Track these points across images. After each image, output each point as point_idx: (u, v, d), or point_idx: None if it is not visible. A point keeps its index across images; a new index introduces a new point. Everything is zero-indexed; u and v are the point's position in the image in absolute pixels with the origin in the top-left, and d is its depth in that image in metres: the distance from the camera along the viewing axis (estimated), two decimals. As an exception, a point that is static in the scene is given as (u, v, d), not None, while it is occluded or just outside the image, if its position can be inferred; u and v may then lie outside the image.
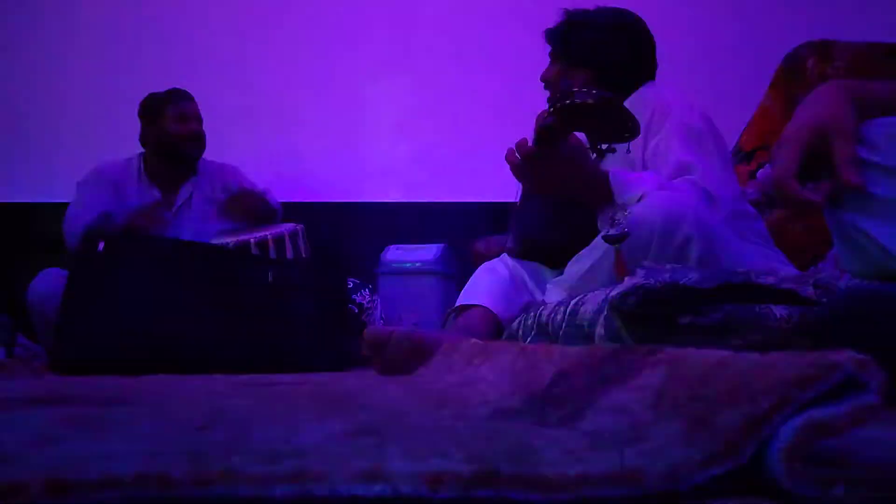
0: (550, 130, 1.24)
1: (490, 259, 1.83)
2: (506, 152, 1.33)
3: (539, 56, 1.74)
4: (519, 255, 1.65)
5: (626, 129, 1.20)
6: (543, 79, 1.72)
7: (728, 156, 1.62)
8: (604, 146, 1.23)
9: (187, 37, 3.05)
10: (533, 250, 1.62)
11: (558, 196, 1.42)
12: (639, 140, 1.40)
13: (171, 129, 2.35)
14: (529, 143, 1.29)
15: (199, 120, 2.41)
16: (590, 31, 1.66)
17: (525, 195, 1.67)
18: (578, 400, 0.54)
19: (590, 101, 1.18)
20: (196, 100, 2.44)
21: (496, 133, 2.99)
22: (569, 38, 1.67)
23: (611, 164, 1.40)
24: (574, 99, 1.19)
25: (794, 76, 2.12)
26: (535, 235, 1.61)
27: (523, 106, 2.92)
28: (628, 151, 1.41)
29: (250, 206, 2.31)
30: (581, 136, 1.37)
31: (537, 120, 1.29)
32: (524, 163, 1.29)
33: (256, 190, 2.38)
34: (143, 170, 2.40)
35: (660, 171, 1.42)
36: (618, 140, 1.23)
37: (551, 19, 1.70)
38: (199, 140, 2.38)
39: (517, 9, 2.96)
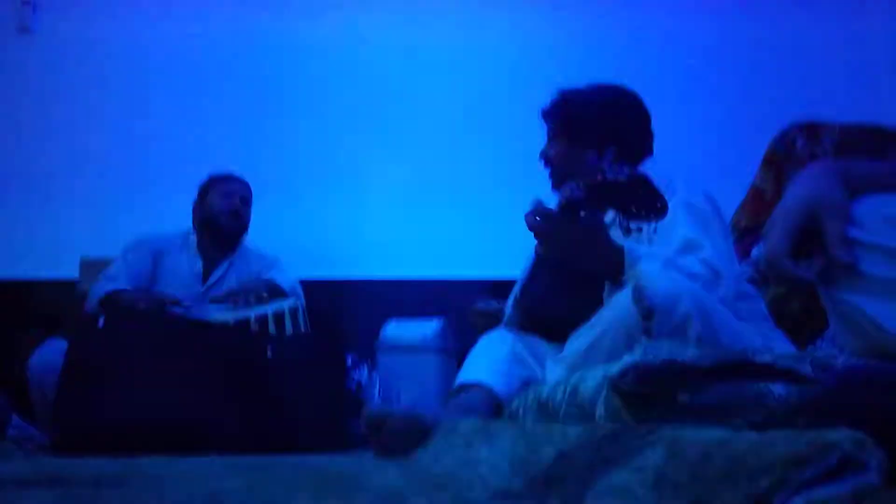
0: (578, 204, 1.25)
1: (489, 318, 1.82)
2: (527, 213, 1.33)
3: (536, 134, 1.77)
4: (522, 325, 1.64)
5: (654, 208, 1.21)
6: (544, 157, 1.73)
7: (730, 235, 1.63)
8: (632, 224, 1.24)
9: (194, 113, 3.13)
10: (537, 321, 1.61)
11: (570, 263, 1.41)
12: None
13: (215, 203, 2.44)
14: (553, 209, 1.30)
15: (246, 202, 2.49)
16: (591, 110, 1.67)
17: (534, 267, 1.67)
18: (579, 481, 0.54)
19: (622, 179, 1.20)
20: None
21: (495, 210, 3.04)
22: (567, 117, 1.69)
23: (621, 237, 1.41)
24: (606, 176, 1.21)
25: (784, 156, 2.17)
26: (542, 307, 1.61)
27: (523, 183, 2.96)
28: (655, 231, 1.40)
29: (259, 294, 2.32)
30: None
31: (564, 191, 1.30)
32: (544, 225, 1.30)
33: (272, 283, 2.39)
34: (192, 240, 2.47)
35: (668, 241, 1.43)
36: (645, 219, 1.24)
37: (550, 97, 1.75)
38: (237, 217, 2.45)
39: (518, 87, 3.05)
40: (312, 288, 2.65)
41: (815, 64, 3.07)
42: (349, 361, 2.39)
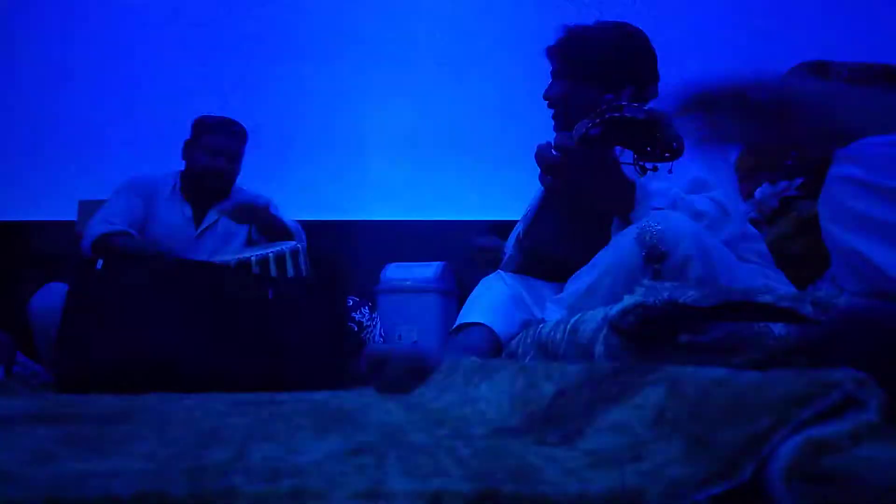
0: (594, 141, 1.21)
1: (489, 253, 1.82)
2: (537, 149, 1.31)
3: (536, 78, 1.73)
4: (523, 266, 1.64)
5: (671, 148, 1.17)
6: (548, 97, 1.68)
7: (734, 177, 1.62)
8: (647, 164, 1.21)
9: (192, 56, 3.07)
10: (540, 262, 1.61)
11: (582, 196, 1.37)
12: None
13: (199, 159, 2.38)
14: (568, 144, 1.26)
15: (232, 156, 2.40)
16: (597, 46, 1.63)
17: (540, 206, 1.65)
18: (578, 418, 0.54)
19: (640, 117, 1.15)
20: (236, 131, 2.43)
21: (494, 153, 3.02)
22: (575, 55, 1.64)
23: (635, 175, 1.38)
24: (623, 113, 1.16)
25: (791, 96, 2.13)
26: (546, 247, 1.60)
27: (521, 127, 2.94)
28: (670, 171, 1.38)
29: (254, 219, 2.30)
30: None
31: (578, 128, 1.25)
32: (560, 157, 1.27)
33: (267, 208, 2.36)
34: (179, 186, 2.42)
35: (675, 185, 1.42)
36: (661, 159, 1.19)
37: (551, 41, 1.69)
38: (220, 176, 2.39)
39: (517, 32, 2.98)
40: (313, 229, 2.65)
41: (823, 6, 2.99)
42: (350, 303, 2.40)
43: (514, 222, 1.88)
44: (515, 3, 3.06)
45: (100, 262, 1.76)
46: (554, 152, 1.28)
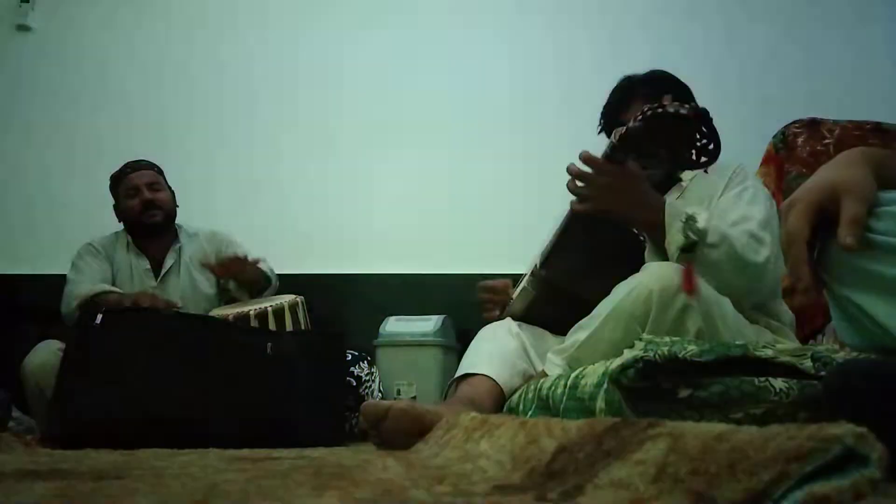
0: (634, 135, 1.16)
1: (496, 292, 1.81)
2: (568, 165, 1.29)
3: (538, 133, 1.76)
4: (538, 300, 1.62)
5: (707, 151, 1.13)
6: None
7: (773, 210, 1.63)
8: (683, 165, 1.16)
9: (187, 105, 3.12)
10: (557, 295, 1.57)
11: (611, 210, 1.34)
12: (717, 187, 1.42)
13: (126, 205, 2.40)
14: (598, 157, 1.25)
15: (152, 185, 2.41)
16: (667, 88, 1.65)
17: (562, 233, 1.63)
18: (579, 475, 0.54)
19: (683, 112, 1.11)
20: (160, 166, 2.47)
21: (496, 206, 3.04)
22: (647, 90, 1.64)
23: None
24: (667, 108, 1.12)
25: (785, 152, 2.17)
26: (565, 278, 1.56)
27: (523, 181, 2.97)
28: (706, 171, 1.29)
29: (240, 271, 2.31)
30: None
31: (614, 133, 1.23)
32: (590, 173, 1.25)
33: (250, 259, 2.36)
34: (130, 242, 2.44)
35: (726, 216, 1.42)
36: (696, 163, 1.15)
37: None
38: (152, 208, 2.38)
39: (520, 86, 3.05)
40: (313, 282, 2.65)
41: (815, 64, 3.07)
42: (349, 357, 2.38)
43: (515, 276, 1.88)
44: (522, 63, 3.12)
45: (99, 317, 1.75)
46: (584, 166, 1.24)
